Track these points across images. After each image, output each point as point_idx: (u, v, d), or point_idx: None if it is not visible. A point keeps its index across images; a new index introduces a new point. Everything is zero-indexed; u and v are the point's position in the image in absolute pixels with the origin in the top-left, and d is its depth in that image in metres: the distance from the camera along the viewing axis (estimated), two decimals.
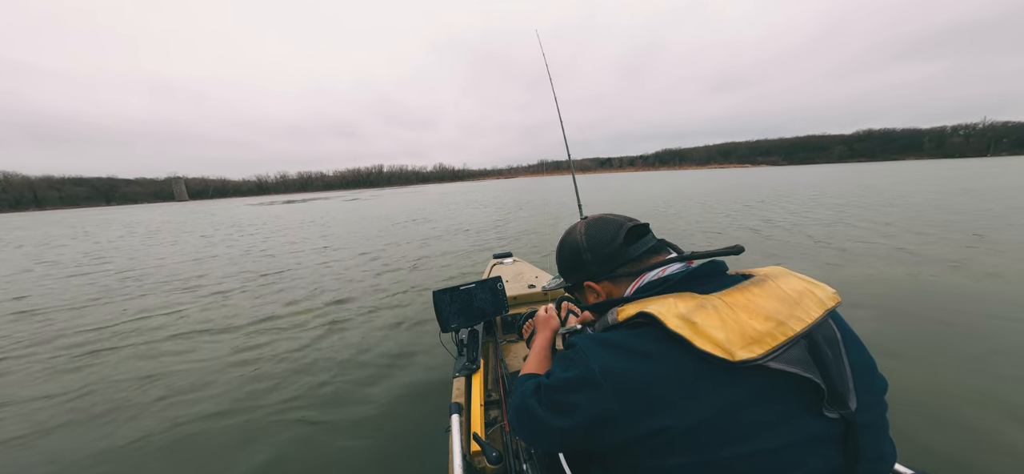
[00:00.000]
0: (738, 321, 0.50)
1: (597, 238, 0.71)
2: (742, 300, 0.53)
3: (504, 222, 11.51)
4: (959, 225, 6.97)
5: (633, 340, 0.54)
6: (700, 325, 0.50)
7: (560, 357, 0.63)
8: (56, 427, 2.33)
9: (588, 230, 0.73)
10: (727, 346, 0.48)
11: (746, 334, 0.49)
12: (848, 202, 11.64)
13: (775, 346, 0.48)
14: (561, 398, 0.58)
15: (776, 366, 0.48)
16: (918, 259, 4.88)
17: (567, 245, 0.77)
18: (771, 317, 0.50)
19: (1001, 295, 3.49)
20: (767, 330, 0.49)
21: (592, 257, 0.71)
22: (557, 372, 0.61)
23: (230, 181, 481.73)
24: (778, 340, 0.48)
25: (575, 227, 0.77)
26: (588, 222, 0.75)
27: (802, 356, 0.50)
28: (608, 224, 0.72)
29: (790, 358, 0.49)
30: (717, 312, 0.51)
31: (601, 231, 0.71)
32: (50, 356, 3.39)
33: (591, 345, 0.57)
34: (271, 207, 37.45)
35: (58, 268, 7.97)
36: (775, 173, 60.43)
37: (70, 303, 5.12)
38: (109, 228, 19.47)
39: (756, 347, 0.47)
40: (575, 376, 0.56)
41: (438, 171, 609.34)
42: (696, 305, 0.53)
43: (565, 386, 0.57)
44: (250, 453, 2.04)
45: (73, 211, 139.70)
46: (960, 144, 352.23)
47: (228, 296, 5.06)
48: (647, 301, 0.58)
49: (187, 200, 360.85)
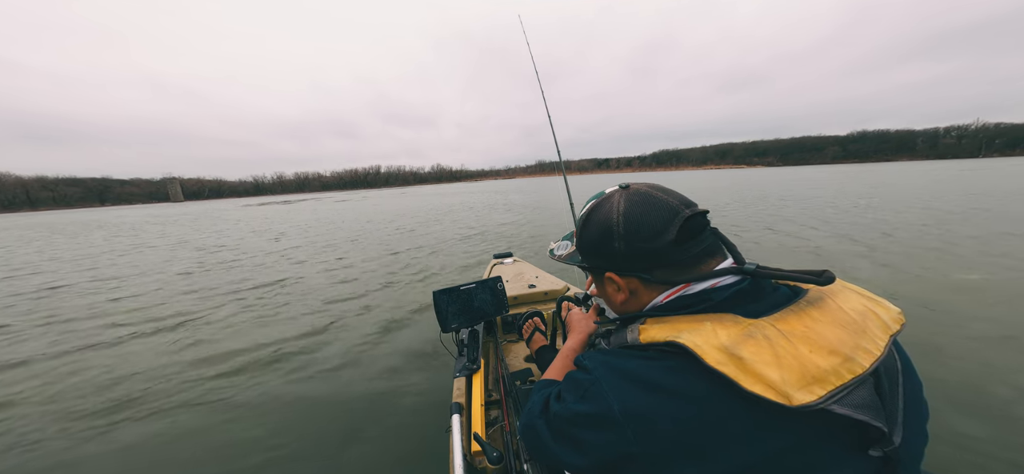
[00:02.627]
0: (797, 356, 0.41)
1: (639, 225, 0.53)
2: (800, 328, 0.44)
3: (480, 234, 9.52)
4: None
5: (661, 374, 0.45)
6: (748, 361, 0.41)
7: (572, 380, 0.54)
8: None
9: (629, 211, 0.54)
10: (783, 388, 0.39)
11: (806, 373, 0.40)
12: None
13: (840, 386, 0.40)
14: (573, 432, 0.50)
15: (841, 411, 0.40)
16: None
17: (596, 221, 0.59)
18: (836, 351, 0.42)
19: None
20: (832, 367, 0.40)
21: (626, 247, 0.55)
22: (569, 398, 0.52)
23: (226, 181, 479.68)
24: (844, 378, 0.40)
25: (612, 198, 0.58)
26: (630, 197, 0.56)
27: (870, 399, 0.42)
28: (657, 208, 0.53)
29: (857, 401, 0.41)
30: (770, 344, 0.42)
31: (646, 217, 0.53)
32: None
33: (609, 375, 0.49)
34: (263, 208, 37.21)
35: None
36: (770, 174, 60.71)
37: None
38: (80, 230, 18.95)
39: (817, 388, 0.39)
40: (590, 411, 0.48)
41: (436, 172, 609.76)
42: (742, 334, 0.44)
43: (578, 420, 0.49)
44: (249, 454, 2.03)
45: (66, 212, 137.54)
46: (953, 145, 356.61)
47: (214, 297, 5.03)
48: (679, 324, 0.48)
49: (182, 201, 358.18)
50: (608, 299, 0.63)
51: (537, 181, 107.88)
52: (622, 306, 0.61)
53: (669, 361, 0.46)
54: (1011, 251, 5.06)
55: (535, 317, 1.41)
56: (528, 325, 1.36)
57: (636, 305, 0.59)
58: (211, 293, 5.28)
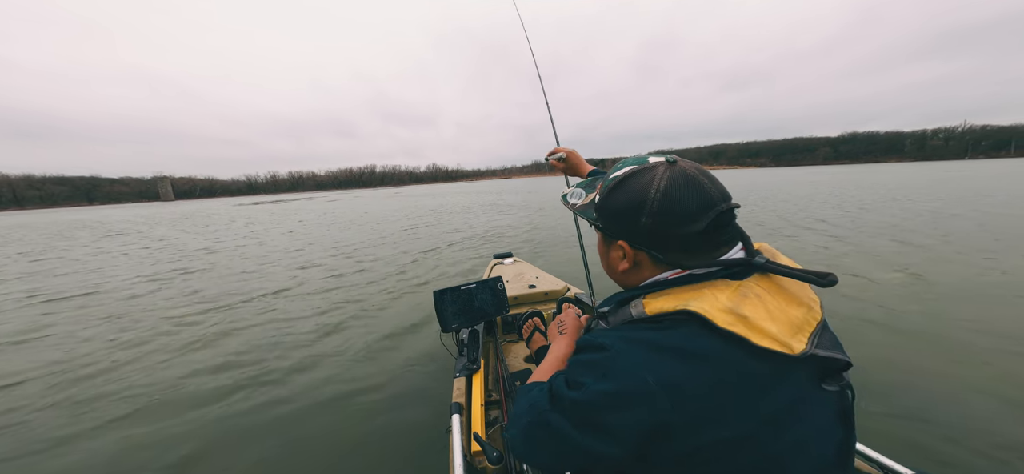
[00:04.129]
0: (782, 310, 0.47)
1: (674, 207, 0.51)
2: (773, 286, 0.50)
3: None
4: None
5: (683, 340, 0.46)
6: (752, 319, 0.45)
7: (584, 363, 0.52)
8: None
9: (669, 190, 0.52)
10: (783, 339, 0.44)
11: (792, 323, 0.46)
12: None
13: (812, 332, 0.46)
14: (603, 418, 0.47)
15: (823, 354, 0.45)
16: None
17: (630, 188, 0.55)
18: (802, 302, 0.49)
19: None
20: (803, 317, 0.47)
21: (652, 225, 0.52)
22: (589, 381, 0.49)
23: (218, 181, 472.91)
24: (812, 326, 0.47)
25: (656, 171, 0.54)
26: (673, 176, 0.52)
27: (833, 340, 0.49)
28: (697, 194, 0.52)
29: (826, 343, 0.47)
30: (761, 301, 0.47)
31: (684, 202, 0.51)
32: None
33: (631, 348, 0.48)
34: (253, 208, 36.78)
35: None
36: (760, 176, 61.32)
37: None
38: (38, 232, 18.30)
39: (801, 336, 0.45)
40: (618, 389, 0.46)
41: (431, 171, 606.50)
42: (737, 295, 0.47)
43: (607, 402, 0.46)
44: (247, 454, 2.02)
45: (52, 211, 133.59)
46: (940, 147, 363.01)
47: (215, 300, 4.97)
48: (682, 294, 0.50)
49: (173, 200, 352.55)
50: (609, 263, 0.63)
51: (535, 181, 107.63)
52: (621, 275, 0.61)
53: (684, 328, 0.47)
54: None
55: (535, 317, 1.43)
56: (528, 325, 1.37)
57: (636, 278, 0.59)
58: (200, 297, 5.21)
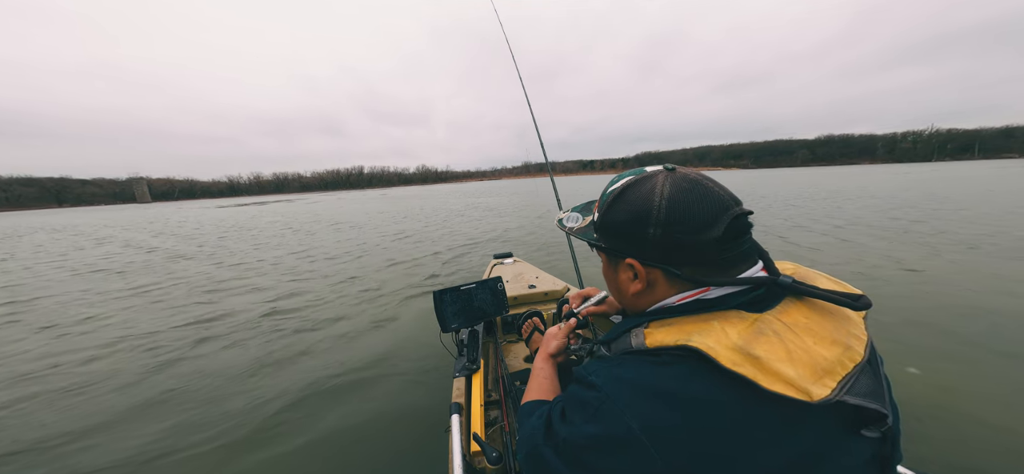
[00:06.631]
0: (806, 349, 0.41)
1: (684, 215, 0.47)
2: (802, 319, 0.44)
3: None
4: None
5: (677, 382, 0.42)
6: (764, 360, 0.39)
7: (577, 399, 0.50)
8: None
9: (674, 195, 0.48)
10: (800, 384, 0.38)
11: (817, 365, 0.39)
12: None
13: (845, 375, 0.40)
14: (588, 460, 0.45)
15: (854, 401, 0.40)
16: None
17: (631, 200, 0.52)
18: (837, 340, 0.42)
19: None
20: (836, 357, 0.40)
21: (662, 235, 0.49)
22: (577, 421, 0.48)
23: (198, 182, 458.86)
24: (847, 368, 0.40)
25: (655, 179, 0.51)
26: (676, 182, 0.49)
27: (873, 385, 0.42)
28: (707, 199, 0.48)
29: (862, 389, 0.41)
30: (780, 339, 0.41)
31: (694, 207, 0.47)
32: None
33: (621, 389, 0.45)
34: (228, 210, 35.85)
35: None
36: (741, 177, 63.00)
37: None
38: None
39: (828, 380, 0.39)
40: (605, 433, 0.44)
41: (421, 173, 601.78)
42: (752, 330, 0.42)
43: (592, 445, 0.45)
44: (249, 455, 2.00)
45: (19, 214, 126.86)
46: (909, 149, 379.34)
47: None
48: (686, 326, 0.46)
49: (150, 202, 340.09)
50: (619, 288, 0.58)
51: (522, 182, 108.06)
52: (633, 299, 0.56)
53: (683, 366, 0.44)
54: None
55: (535, 317, 1.45)
56: (528, 325, 1.39)
57: (649, 300, 0.54)
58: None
